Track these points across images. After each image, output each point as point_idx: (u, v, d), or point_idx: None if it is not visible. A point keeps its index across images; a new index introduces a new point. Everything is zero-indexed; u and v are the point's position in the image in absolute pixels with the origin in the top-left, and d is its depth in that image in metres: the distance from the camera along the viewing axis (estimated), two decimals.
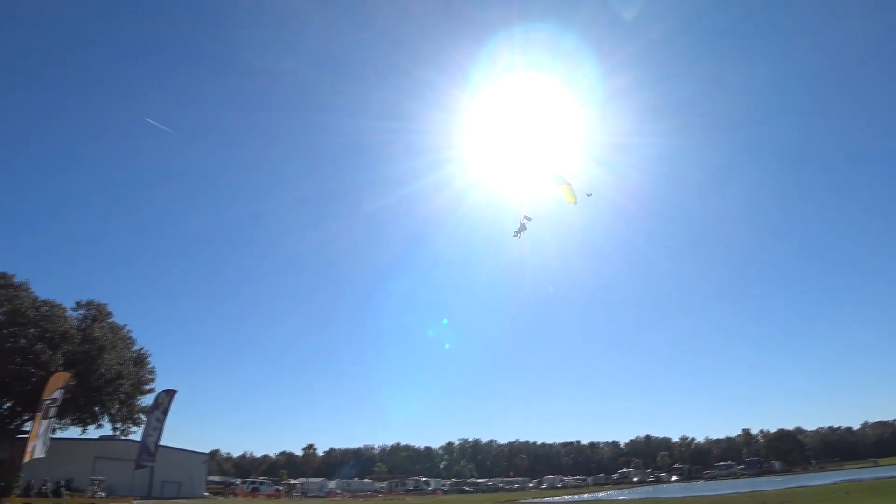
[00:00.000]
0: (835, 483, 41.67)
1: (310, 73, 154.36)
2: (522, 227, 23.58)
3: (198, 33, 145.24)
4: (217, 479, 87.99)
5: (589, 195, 21.85)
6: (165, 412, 31.44)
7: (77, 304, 47.47)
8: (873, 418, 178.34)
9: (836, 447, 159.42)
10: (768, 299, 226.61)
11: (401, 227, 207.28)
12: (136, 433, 46.85)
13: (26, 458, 25.57)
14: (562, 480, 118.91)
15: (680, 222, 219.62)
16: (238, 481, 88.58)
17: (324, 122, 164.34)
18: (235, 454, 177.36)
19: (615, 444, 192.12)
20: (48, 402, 26.36)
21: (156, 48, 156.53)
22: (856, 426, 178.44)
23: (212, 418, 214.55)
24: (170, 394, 32.24)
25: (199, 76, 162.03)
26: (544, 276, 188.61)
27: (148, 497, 48.47)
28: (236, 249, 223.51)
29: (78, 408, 44.78)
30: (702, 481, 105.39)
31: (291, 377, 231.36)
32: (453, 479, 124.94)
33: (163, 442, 55.64)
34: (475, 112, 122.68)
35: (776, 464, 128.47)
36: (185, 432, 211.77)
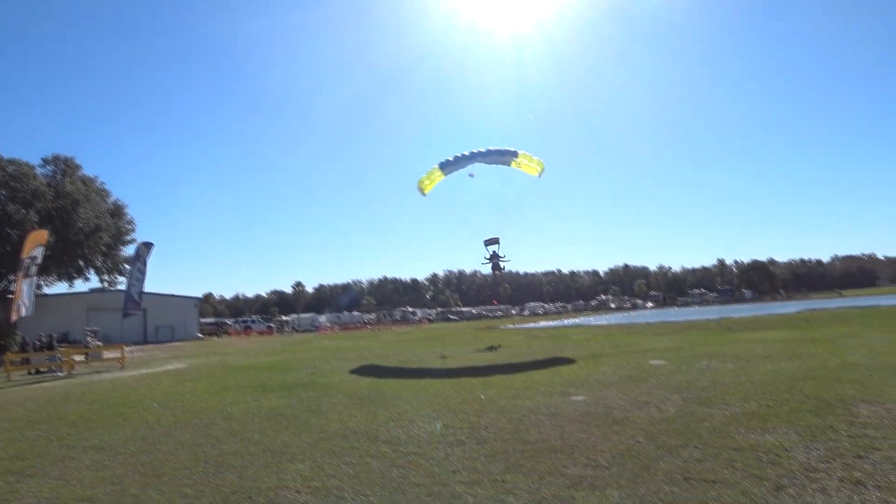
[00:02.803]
0: (798, 311, 43.60)
1: None
2: (495, 257, 23.33)
3: None
4: (211, 320, 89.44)
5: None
6: (145, 263, 31.60)
7: (43, 160, 46.33)
8: (843, 252, 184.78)
9: (805, 279, 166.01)
10: (750, 136, 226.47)
11: (393, 49, 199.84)
12: (124, 283, 47.51)
13: (13, 318, 25.77)
14: (543, 307, 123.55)
15: (665, 47, 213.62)
16: (230, 321, 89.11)
17: None
18: (228, 296, 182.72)
19: (595, 272, 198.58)
20: (28, 260, 26.14)
21: None
22: (826, 259, 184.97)
23: (205, 263, 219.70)
24: (148, 246, 32.25)
25: None
26: (527, 105, 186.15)
27: (143, 342, 50.13)
28: (211, 80, 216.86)
29: (61, 263, 44.86)
30: (675, 308, 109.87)
31: (279, 217, 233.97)
32: (439, 309, 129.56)
33: (158, 289, 57.20)
34: None
35: (747, 292, 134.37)
36: (179, 278, 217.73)
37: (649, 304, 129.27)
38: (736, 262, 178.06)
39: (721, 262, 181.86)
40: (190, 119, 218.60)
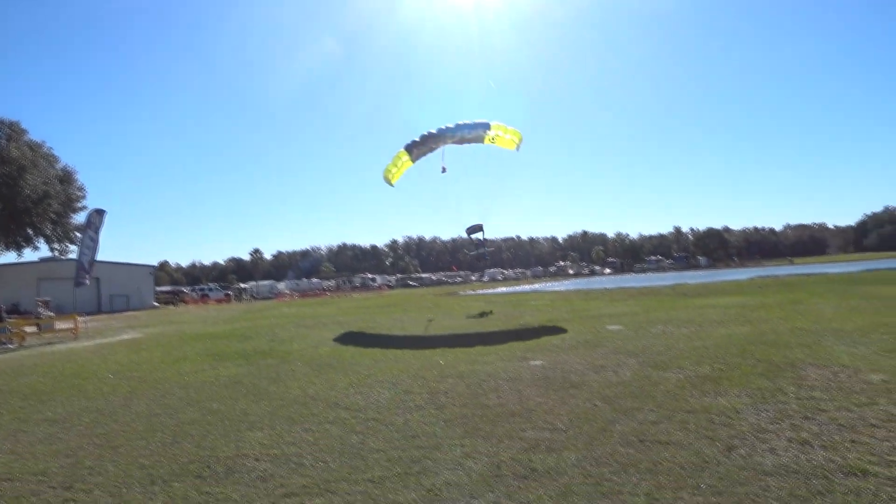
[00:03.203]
0: (751, 278, 44.60)
1: None
2: (480, 245, 22.85)
3: None
4: (167, 288, 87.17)
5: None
6: (98, 231, 30.22)
7: None
8: (795, 221, 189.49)
9: (758, 246, 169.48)
10: (707, 106, 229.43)
11: (352, 12, 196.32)
12: (75, 252, 46.07)
13: None
14: (502, 273, 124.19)
15: (627, 14, 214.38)
16: (187, 289, 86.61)
17: None
18: (185, 264, 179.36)
19: (554, 239, 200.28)
20: None
21: None
22: (778, 228, 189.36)
23: (160, 230, 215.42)
24: (100, 213, 30.76)
25: None
26: (489, 72, 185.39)
27: (98, 312, 48.60)
28: (164, 42, 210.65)
29: (9, 232, 43.32)
30: (632, 274, 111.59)
31: (236, 183, 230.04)
32: (398, 275, 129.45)
33: (111, 258, 55.60)
34: None
35: (702, 259, 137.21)
36: (134, 246, 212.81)
37: (607, 271, 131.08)
38: (692, 229, 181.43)
39: (677, 230, 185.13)
40: (142, 82, 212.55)
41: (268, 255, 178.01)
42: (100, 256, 31.89)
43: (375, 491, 5.32)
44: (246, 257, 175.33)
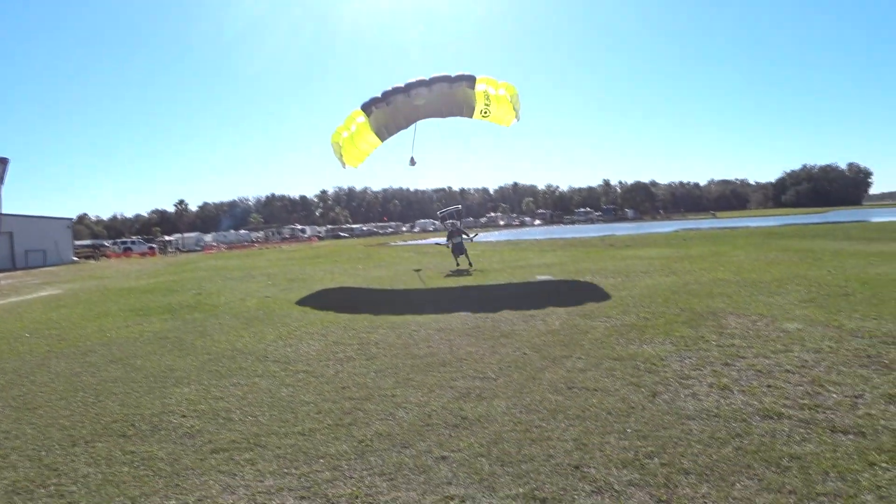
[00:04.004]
0: (676, 231, 45.99)
1: None
2: (456, 236, 22.13)
3: None
4: (87, 242, 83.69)
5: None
6: (1, 181, 28.03)
7: None
8: (718, 177, 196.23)
9: (683, 200, 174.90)
10: (638, 64, 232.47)
11: None
12: None
13: None
14: (433, 224, 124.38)
15: None
16: (108, 243, 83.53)
17: None
18: (105, 217, 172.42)
19: (485, 190, 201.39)
20: None
21: None
22: (702, 183, 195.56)
23: (77, 182, 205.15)
24: (3, 162, 28.43)
25: None
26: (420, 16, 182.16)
27: (12, 268, 45.87)
28: None
29: None
30: (561, 225, 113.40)
31: (158, 130, 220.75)
32: (329, 226, 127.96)
33: (26, 210, 52.33)
34: None
35: (629, 212, 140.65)
36: (50, 199, 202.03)
37: (537, 222, 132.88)
38: (620, 182, 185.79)
39: (606, 183, 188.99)
40: (55, 17, 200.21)
41: (193, 207, 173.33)
42: (13, 209, 29.95)
43: (306, 444, 5.26)
44: (170, 209, 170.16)
